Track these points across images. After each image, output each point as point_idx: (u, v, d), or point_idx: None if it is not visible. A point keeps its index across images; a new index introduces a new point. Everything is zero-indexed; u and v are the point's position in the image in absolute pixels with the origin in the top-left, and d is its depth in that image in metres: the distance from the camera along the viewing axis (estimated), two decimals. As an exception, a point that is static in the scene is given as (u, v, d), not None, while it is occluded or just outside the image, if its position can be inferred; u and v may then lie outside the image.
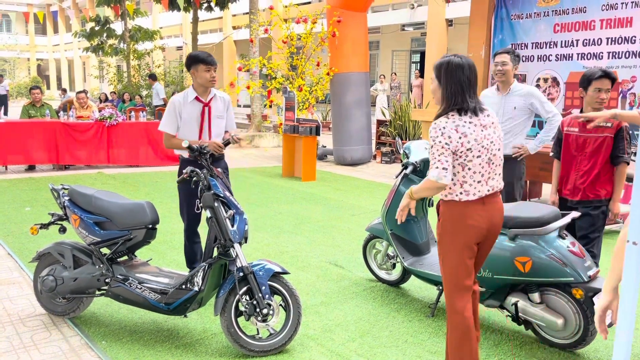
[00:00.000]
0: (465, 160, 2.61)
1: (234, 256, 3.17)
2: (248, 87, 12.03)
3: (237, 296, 3.13)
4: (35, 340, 3.27)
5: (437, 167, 2.57)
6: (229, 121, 4.09)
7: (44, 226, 3.60)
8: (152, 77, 15.47)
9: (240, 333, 3.14)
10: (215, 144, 3.80)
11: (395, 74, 18.43)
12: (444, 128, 2.59)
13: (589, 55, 8.24)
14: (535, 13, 8.90)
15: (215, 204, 3.19)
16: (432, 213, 4.33)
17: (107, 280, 3.35)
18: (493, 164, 2.69)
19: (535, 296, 3.22)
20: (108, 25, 20.05)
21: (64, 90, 22.04)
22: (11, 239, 5.27)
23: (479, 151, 2.63)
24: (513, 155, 4.35)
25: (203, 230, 3.64)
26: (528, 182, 7.57)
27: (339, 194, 7.98)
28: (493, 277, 3.30)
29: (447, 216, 2.72)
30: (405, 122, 11.34)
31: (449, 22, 16.14)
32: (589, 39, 8.19)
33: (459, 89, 2.62)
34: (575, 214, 3.29)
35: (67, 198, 3.52)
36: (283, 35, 11.09)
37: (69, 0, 39.31)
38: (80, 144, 9.47)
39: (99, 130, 9.58)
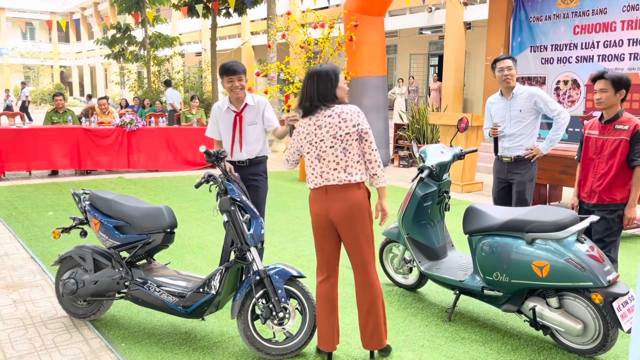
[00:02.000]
0: (304, 154, 3.10)
1: (250, 260, 3.20)
2: (266, 92, 12.10)
3: (254, 299, 3.15)
4: (56, 342, 3.34)
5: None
6: (267, 122, 4.11)
7: (66, 230, 3.68)
8: (167, 83, 15.71)
9: (256, 336, 3.17)
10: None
11: (413, 77, 18.36)
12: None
13: (610, 57, 8.13)
14: (554, 15, 8.81)
15: (232, 208, 3.22)
16: (449, 217, 4.32)
17: (126, 284, 3.40)
18: (324, 160, 2.98)
19: (554, 301, 3.18)
20: (129, 33, 20.34)
21: (89, 97, 22.46)
22: (34, 242, 5.39)
23: (308, 149, 3.04)
24: (526, 157, 4.41)
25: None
26: (548, 185, 7.48)
27: (356, 198, 7.95)
28: (510, 281, 3.28)
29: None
30: (423, 125, 11.29)
31: (467, 25, 16.04)
32: (610, 41, 8.08)
33: (303, 94, 3.05)
34: (594, 217, 3.25)
35: (87, 202, 3.59)
36: (300, 40, 11.14)
37: (91, 9, 40.07)
38: (101, 150, 9.63)
39: (120, 136, 9.74)
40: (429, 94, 17.87)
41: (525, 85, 4.92)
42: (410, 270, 4.21)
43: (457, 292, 3.70)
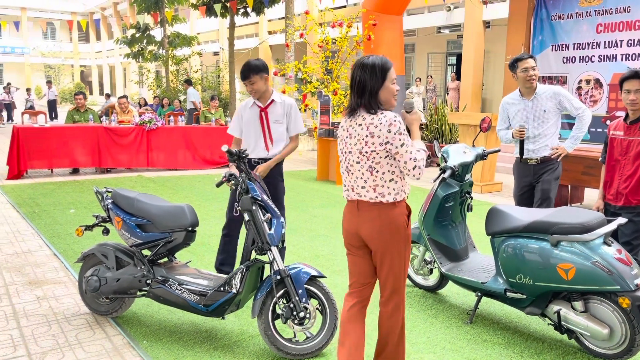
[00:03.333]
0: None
1: (270, 259, 3.20)
2: (284, 92, 12.12)
3: (274, 299, 3.15)
4: (79, 339, 3.37)
5: None
6: (291, 124, 4.14)
7: (89, 228, 3.71)
8: (188, 82, 15.84)
9: (277, 336, 3.17)
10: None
11: (431, 76, 18.24)
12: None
13: (633, 55, 7.97)
14: (577, 13, 8.67)
15: (253, 208, 3.22)
16: (468, 218, 4.27)
17: (148, 282, 3.42)
18: (352, 174, 2.65)
19: (579, 304, 3.13)
20: (148, 32, 20.54)
21: (108, 95, 22.73)
22: (57, 240, 5.46)
23: (340, 156, 2.74)
24: (552, 157, 4.34)
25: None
26: (569, 186, 7.37)
27: (375, 198, 7.94)
28: (534, 283, 3.23)
29: None
30: (442, 125, 11.21)
31: (487, 24, 15.89)
32: (634, 39, 7.93)
33: (352, 87, 2.65)
34: (621, 220, 3.19)
35: (110, 201, 3.62)
36: (318, 40, 11.14)
37: (111, 9, 40.53)
38: (121, 148, 9.73)
39: (139, 135, 9.83)
40: (447, 93, 17.74)
41: (546, 84, 4.83)
42: (431, 271, 4.17)
43: (479, 294, 3.66)
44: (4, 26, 19.44)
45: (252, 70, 3.94)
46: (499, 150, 4.31)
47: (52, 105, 22.68)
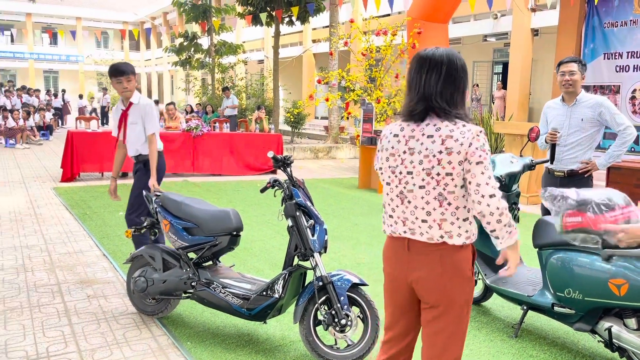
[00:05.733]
0: (384, 182, 2.09)
1: (313, 265, 3.22)
2: (327, 100, 12.19)
3: (316, 305, 3.16)
4: (127, 337, 3.48)
5: None
6: (146, 125, 4.28)
7: (137, 230, 3.83)
8: (225, 89, 16.23)
9: (318, 342, 3.17)
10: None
11: (477, 85, 17.95)
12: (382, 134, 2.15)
13: (693, 64, 7.63)
14: (631, 20, 8.38)
15: (297, 213, 3.25)
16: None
17: (193, 284, 3.50)
18: (409, 203, 2.00)
19: (632, 322, 3.00)
20: (195, 41, 21.06)
21: (156, 102, 23.45)
22: (106, 241, 5.65)
23: (389, 177, 2.04)
24: (580, 171, 4.07)
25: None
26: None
27: (417, 207, 7.86)
28: (584, 299, 3.12)
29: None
30: (487, 134, 11.01)
31: (535, 32, 15.53)
32: (693, 47, 7.60)
33: (415, 85, 2.02)
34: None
35: (158, 204, 3.73)
36: (362, 48, 11.16)
37: (160, 18, 41.83)
38: (168, 153, 9.91)
39: (186, 140, 10.08)
40: (493, 102, 17.42)
41: (597, 94, 4.62)
42: (475, 283, 4.09)
43: (525, 307, 3.57)
44: (61, 35, 20.36)
45: (131, 70, 4.21)
46: (547, 161, 4.19)
47: (104, 111, 23.59)
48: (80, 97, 25.96)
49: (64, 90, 25.55)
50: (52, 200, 7.70)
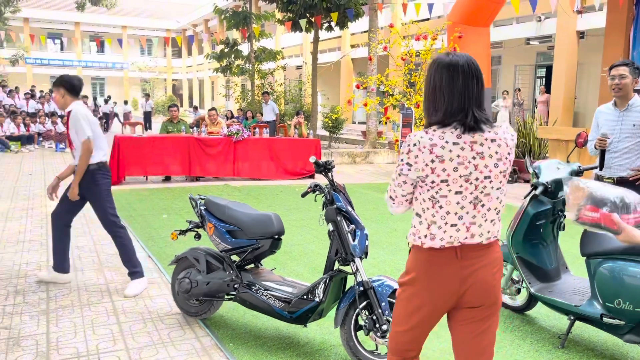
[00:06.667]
0: (437, 194, 1.98)
1: (353, 270, 3.23)
2: (365, 105, 12.20)
3: (357, 310, 3.17)
4: (172, 337, 3.57)
5: (388, 191, 2.19)
6: (77, 133, 4.30)
7: (183, 232, 3.93)
8: (266, 93, 16.42)
9: (359, 347, 3.18)
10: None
11: (519, 89, 17.59)
12: (414, 145, 1.99)
13: None
14: (684, 22, 8.06)
15: (338, 218, 3.27)
16: (562, 237, 4.08)
17: (235, 286, 3.56)
18: (483, 206, 1.99)
19: (687, 335, 2.89)
20: (236, 47, 21.43)
21: (195, 108, 23.97)
22: (151, 243, 5.81)
23: (461, 185, 1.97)
24: (630, 179, 3.93)
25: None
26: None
27: (457, 213, 7.76)
28: (634, 310, 3.02)
29: (410, 264, 2.11)
30: (530, 140, 10.78)
31: (581, 34, 15.13)
32: None
33: (435, 95, 2.02)
34: None
35: (203, 207, 3.82)
36: (402, 53, 11.12)
37: (202, 25, 42.75)
38: (210, 158, 10.20)
39: (227, 145, 10.26)
40: (536, 107, 17.03)
41: None
42: (519, 291, 4.01)
43: (572, 317, 3.48)
44: (108, 43, 21.05)
45: (59, 82, 4.31)
46: (596, 167, 4.07)
47: (147, 117, 24.27)
48: (125, 102, 26.77)
49: (109, 97, 26.43)
50: (99, 203, 7.96)
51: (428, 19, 17.92)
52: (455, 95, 1.97)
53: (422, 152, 1.96)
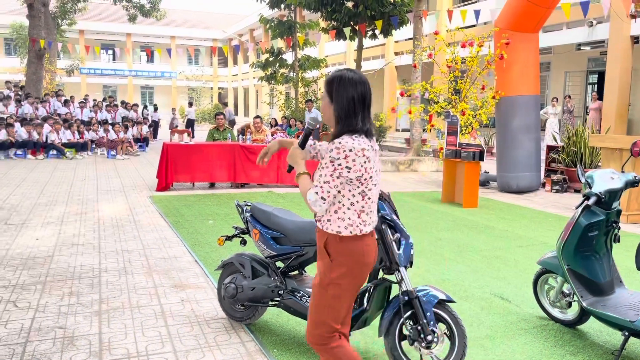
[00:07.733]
0: (366, 188, 2.43)
1: (398, 279, 3.20)
2: (410, 112, 12.11)
3: (402, 320, 3.14)
4: (217, 341, 3.64)
5: (317, 193, 2.40)
6: None
7: (229, 238, 4.01)
8: (310, 101, 16.49)
9: (403, 357, 3.15)
10: None
11: (569, 96, 17.08)
12: (350, 150, 2.34)
13: None
14: None
15: (383, 227, 3.26)
16: (615, 250, 3.93)
17: (280, 292, 3.60)
18: (375, 195, 2.50)
19: None
20: (281, 56, 21.73)
21: (232, 123, 24.35)
22: (198, 247, 5.94)
23: (376, 179, 2.48)
24: None
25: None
26: None
27: (504, 223, 7.59)
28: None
29: (342, 258, 2.46)
30: (581, 148, 10.43)
31: (635, 39, 14.56)
32: None
33: (351, 107, 2.43)
34: None
35: (249, 214, 3.88)
36: (447, 60, 11.00)
37: (247, 35, 43.54)
38: (254, 165, 10.34)
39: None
40: (587, 114, 16.48)
41: None
42: (569, 304, 3.89)
43: (627, 333, 3.33)
44: (158, 53, 21.74)
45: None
46: (652, 177, 3.91)
47: (190, 124, 24.84)
48: (173, 110, 27.51)
49: (156, 106, 27.24)
50: (149, 208, 8.21)
51: (474, 26, 17.66)
52: (366, 106, 2.46)
53: (357, 156, 2.35)
